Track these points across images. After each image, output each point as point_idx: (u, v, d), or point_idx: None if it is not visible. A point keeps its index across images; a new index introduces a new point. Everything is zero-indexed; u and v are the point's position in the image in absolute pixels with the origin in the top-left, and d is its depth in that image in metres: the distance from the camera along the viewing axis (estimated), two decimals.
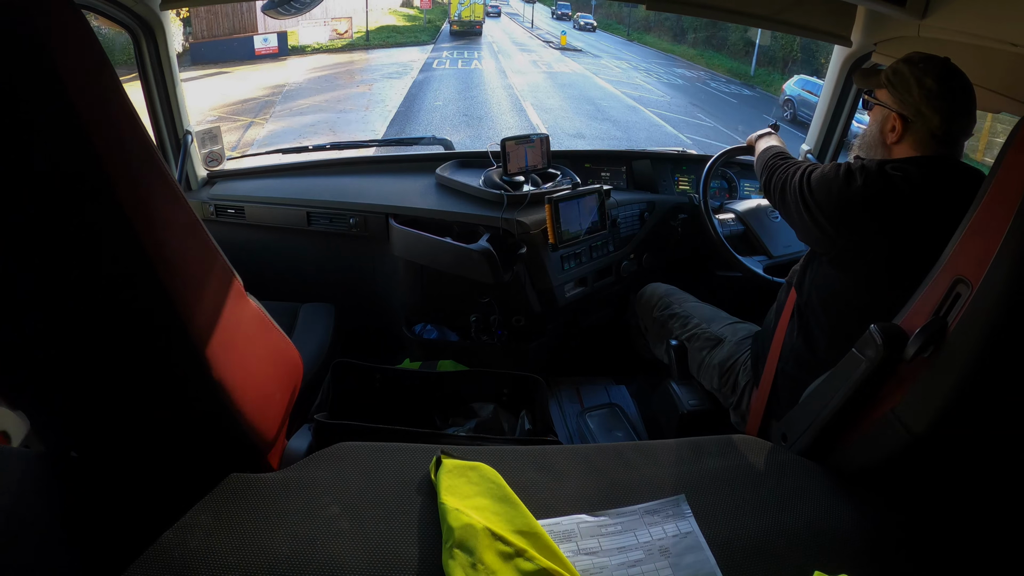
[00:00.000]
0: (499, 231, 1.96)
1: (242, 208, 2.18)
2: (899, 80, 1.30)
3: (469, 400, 1.56)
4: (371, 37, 23.38)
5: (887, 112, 1.32)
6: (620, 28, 32.99)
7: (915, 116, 1.28)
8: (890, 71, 1.33)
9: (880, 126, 1.34)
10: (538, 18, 33.41)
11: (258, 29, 18.80)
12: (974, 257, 0.87)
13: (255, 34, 18.72)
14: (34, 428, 1.14)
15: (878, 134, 1.35)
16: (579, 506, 0.93)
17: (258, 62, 18.30)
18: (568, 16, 33.20)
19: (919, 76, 1.26)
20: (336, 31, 21.96)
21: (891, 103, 1.31)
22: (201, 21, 17.32)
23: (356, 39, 22.68)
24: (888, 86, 1.32)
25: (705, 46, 26.00)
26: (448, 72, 18.85)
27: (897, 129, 1.30)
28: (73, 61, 0.63)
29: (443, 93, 15.83)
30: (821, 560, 0.85)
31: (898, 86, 1.30)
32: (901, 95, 1.29)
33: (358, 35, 22.93)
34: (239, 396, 0.86)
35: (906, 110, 1.28)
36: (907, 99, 1.28)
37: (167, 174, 0.76)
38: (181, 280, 0.76)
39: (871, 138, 1.37)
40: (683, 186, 2.40)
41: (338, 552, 0.81)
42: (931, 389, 0.90)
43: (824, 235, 1.31)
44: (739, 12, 1.84)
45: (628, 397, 2.18)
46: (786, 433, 1.16)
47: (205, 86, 14.86)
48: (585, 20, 31.82)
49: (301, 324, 1.96)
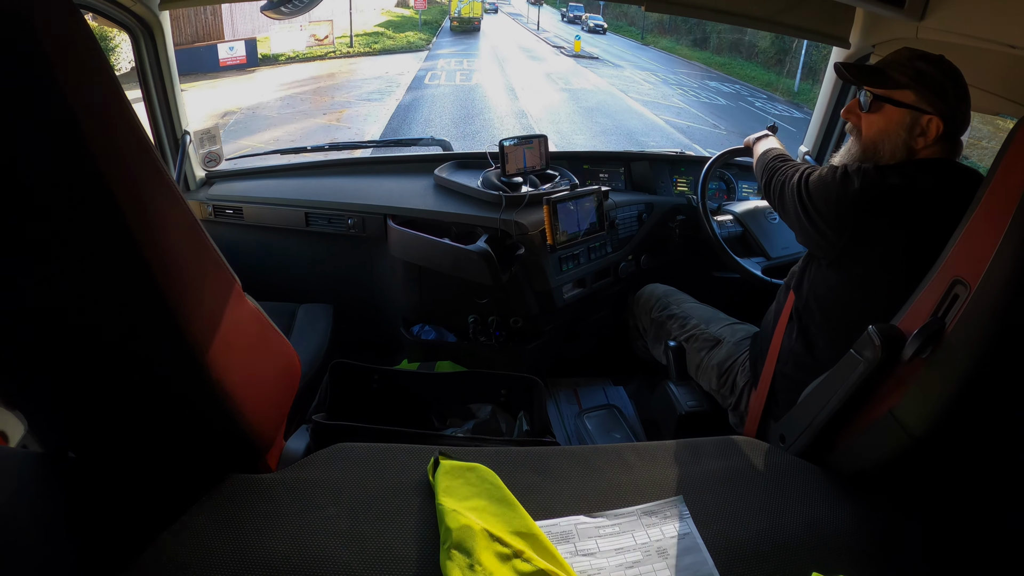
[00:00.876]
0: (497, 232, 1.96)
1: (240, 208, 2.18)
2: (930, 81, 1.24)
3: (467, 401, 1.56)
4: (356, 43, 20.35)
5: (916, 115, 1.25)
6: (631, 30, 30.69)
7: (950, 118, 1.24)
8: (911, 71, 1.26)
9: (908, 130, 1.27)
10: (543, 20, 30.32)
11: (224, 36, 16.13)
12: (972, 258, 0.87)
13: (220, 42, 16.00)
14: (31, 428, 1.14)
15: (905, 137, 1.27)
16: (577, 507, 0.93)
17: (222, 75, 15.51)
18: (579, 19, 30.47)
19: (947, 77, 1.23)
20: (315, 37, 18.59)
21: (924, 105, 1.24)
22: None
23: (340, 45, 19.63)
24: (916, 87, 1.25)
25: (731, 52, 23.33)
26: (443, 91, 15.35)
27: (932, 133, 1.24)
28: (71, 62, 0.63)
29: (434, 124, 12.51)
30: (819, 561, 0.85)
31: (931, 87, 1.24)
32: (936, 97, 1.23)
33: (342, 40, 19.81)
34: (237, 397, 0.86)
35: (945, 112, 1.23)
36: (944, 101, 1.23)
37: (165, 175, 0.76)
38: (179, 281, 0.76)
39: (895, 142, 1.29)
40: (681, 187, 2.40)
41: (336, 552, 0.81)
42: (929, 390, 0.90)
43: (822, 238, 1.31)
44: (737, 14, 1.84)
45: (626, 398, 2.18)
46: (784, 434, 1.16)
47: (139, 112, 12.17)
48: (595, 22, 29.05)
49: (299, 325, 1.96)
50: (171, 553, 0.79)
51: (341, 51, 19.51)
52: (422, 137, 2.66)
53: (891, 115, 1.28)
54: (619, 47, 25.26)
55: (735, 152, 1.99)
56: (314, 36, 18.56)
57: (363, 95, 14.48)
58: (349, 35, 19.77)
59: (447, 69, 18.18)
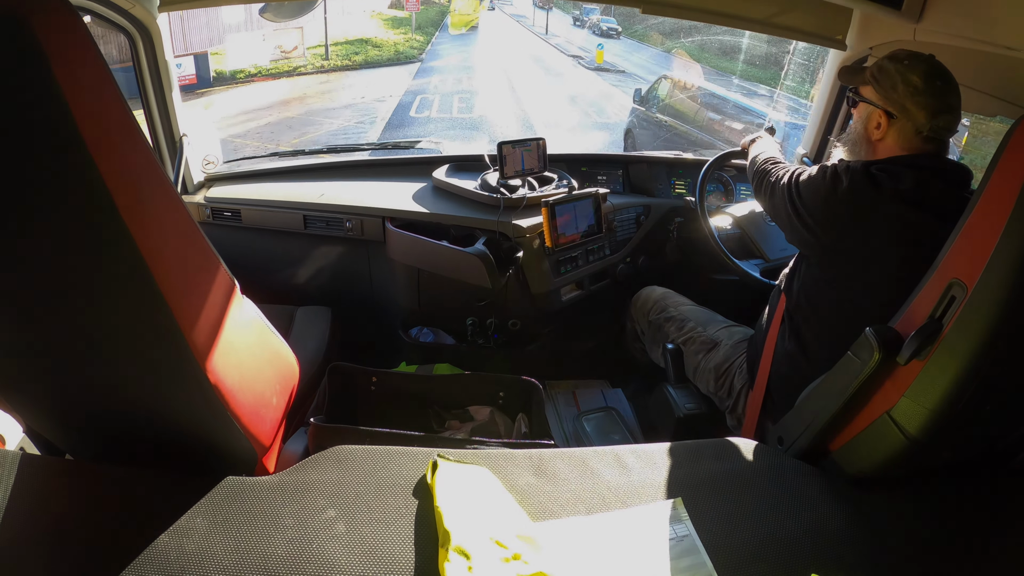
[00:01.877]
0: (495, 234, 1.96)
1: (238, 211, 2.18)
2: (884, 76, 1.31)
3: (465, 403, 1.56)
4: (334, 55, 15.80)
5: (872, 109, 1.33)
6: (643, 32, 25.27)
7: (900, 112, 1.29)
8: (875, 68, 1.34)
9: (865, 123, 1.35)
10: (552, 23, 24.94)
11: (175, 50, 12.14)
12: (969, 259, 0.87)
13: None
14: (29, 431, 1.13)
15: (863, 131, 1.36)
16: (575, 509, 0.93)
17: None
18: (615, 33, 24.66)
19: (904, 73, 1.28)
20: (281, 48, 14.08)
21: (876, 99, 1.32)
22: (110, 43, 9.56)
23: (314, 58, 15.09)
24: (873, 82, 1.33)
25: (768, 66, 18.24)
26: (435, 128, 10.92)
27: (882, 126, 1.31)
28: (70, 64, 0.63)
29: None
30: (817, 563, 0.85)
31: (883, 82, 1.31)
32: (886, 91, 1.30)
33: (315, 51, 15.13)
34: (235, 399, 0.86)
35: (891, 106, 1.30)
36: (892, 95, 1.29)
37: (163, 177, 0.76)
38: (178, 284, 0.76)
39: (856, 135, 1.38)
40: (679, 190, 2.40)
41: (334, 555, 0.81)
42: (927, 392, 0.90)
43: (812, 237, 1.32)
44: (734, 15, 1.85)
45: (624, 400, 2.18)
46: (782, 436, 1.16)
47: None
48: (608, 24, 24.75)
49: (297, 327, 1.96)
50: (169, 556, 0.79)
51: (314, 65, 15.30)
52: (419, 139, 2.66)
53: (861, 110, 1.38)
54: (638, 55, 20.39)
55: (732, 154, 1.99)
56: (280, 48, 14.24)
57: (320, 139, 10.07)
58: (325, 45, 15.14)
59: (442, 91, 13.79)
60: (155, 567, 0.77)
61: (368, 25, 18.52)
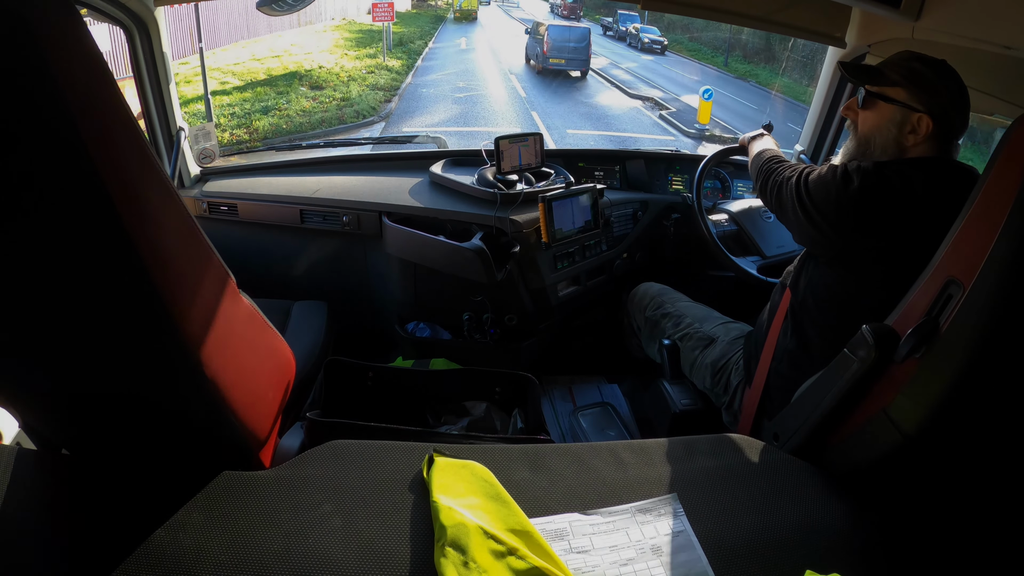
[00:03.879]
0: (492, 230, 1.96)
1: (235, 205, 2.17)
2: (922, 80, 1.27)
3: (461, 398, 1.56)
4: (222, 117, 9.97)
5: (906, 112, 1.28)
6: (685, 42, 20.35)
7: (943, 116, 1.26)
8: (905, 70, 1.29)
9: (899, 126, 1.30)
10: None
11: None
12: (966, 258, 0.87)
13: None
14: (25, 426, 1.13)
15: (895, 133, 1.31)
16: (571, 505, 0.93)
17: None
18: (659, 47, 20.02)
19: (941, 78, 1.26)
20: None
21: (915, 103, 1.27)
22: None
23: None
24: (908, 85, 1.28)
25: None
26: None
27: (922, 131, 1.27)
28: (68, 59, 0.63)
29: None
30: (812, 559, 0.85)
31: (923, 86, 1.27)
32: (928, 96, 1.26)
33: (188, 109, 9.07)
34: (232, 394, 0.86)
35: (934, 111, 1.26)
36: (935, 100, 1.26)
37: (160, 171, 0.75)
38: (174, 278, 0.76)
39: (886, 138, 1.32)
40: (676, 186, 2.41)
41: (330, 550, 0.81)
42: (923, 390, 0.90)
43: (822, 236, 1.31)
44: (734, 12, 1.84)
45: (620, 396, 2.18)
46: (778, 432, 1.17)
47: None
48: (650, 37, 19.82)
49: (294, 322, 1.96)
50: (165, 551, 0.79)
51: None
52: (417, 134, 2.66)
53: (883, 111, 1.31)
54: (703, 80, 15.25)
55: (730, 151, 1.99)
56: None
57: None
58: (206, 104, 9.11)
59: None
60: (151, 561, 0.77)
61: (320, 43, 13.22)
